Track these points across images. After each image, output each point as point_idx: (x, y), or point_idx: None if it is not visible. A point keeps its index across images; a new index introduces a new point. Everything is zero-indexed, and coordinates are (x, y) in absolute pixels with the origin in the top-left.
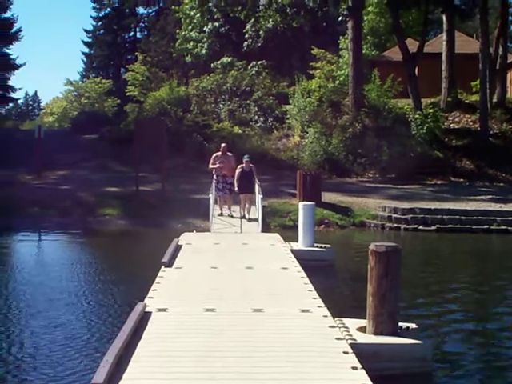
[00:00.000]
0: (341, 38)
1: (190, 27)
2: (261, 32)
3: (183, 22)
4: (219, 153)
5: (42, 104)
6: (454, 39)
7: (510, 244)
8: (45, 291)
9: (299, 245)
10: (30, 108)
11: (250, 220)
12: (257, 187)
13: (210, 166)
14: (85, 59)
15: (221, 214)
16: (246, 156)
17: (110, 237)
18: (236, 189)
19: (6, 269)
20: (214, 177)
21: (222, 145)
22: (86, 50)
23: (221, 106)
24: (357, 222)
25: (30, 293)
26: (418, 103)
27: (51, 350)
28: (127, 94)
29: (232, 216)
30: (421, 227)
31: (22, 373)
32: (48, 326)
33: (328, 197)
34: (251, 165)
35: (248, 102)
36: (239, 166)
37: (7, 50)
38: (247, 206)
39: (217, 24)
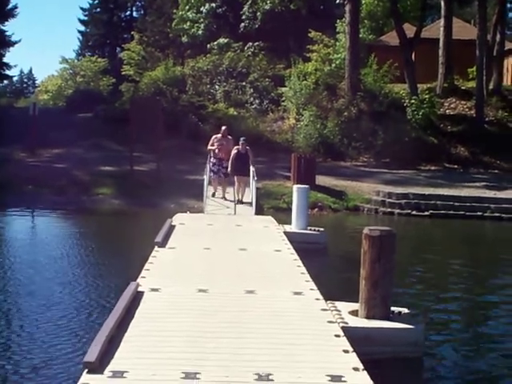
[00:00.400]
0: (338, 21)
1: (187, 7)
2: (258, 14)
3: (180, 1)
4: (219, 135)
5: (36, 82)
6: (451, 25)
7: (503, 231)
8: (38, 270)
9: (292, 227)
10: (25, 85)
11: (243, 203)
12: (252, 170)
13: (209, 147)
14: (81, 37)
15: (214, 195)
16: (242, 138)
17: (104, 216)
18: (229, 170)
19: None
20: (211, 159)
21: (223, 127)
22: (82, 28)
23: (216, 87)
24: (350, 206)
25: (23, 271)
26: (414, 88)
27: (44, 329)
28: (123, 73)
29: (225, 199)
30: (414, 212)
31: (14, 353)
32: (41, 305)
33: (322, 180)
34: (247, 147)
35: (244, 83)
36: (235, 148)
37: (2, 27)
38: (241, 188)
39: (214, 5)
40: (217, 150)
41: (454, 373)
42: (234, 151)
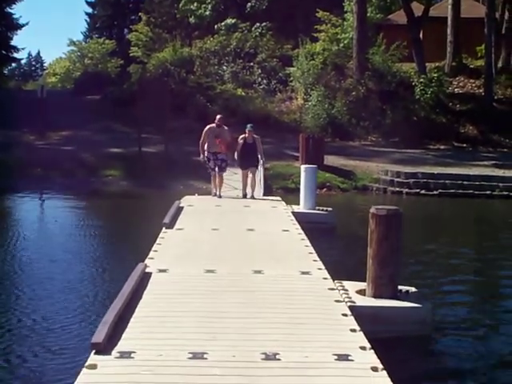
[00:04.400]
0: (346, 0)
1: None
2: None
3: None
4: (213, 125)
5: (44, 64)
6: (459, 3)
7: None
8: (47, 252)
9: (301, 207)
10: (33, 68)
11: (254, 198)
12: (261, 162)
13: (202, 143)
14: (88, 19)
15: (215, 195)
16: (249, 125)
17: (113, 198)
18: (236, 163)
19: (9, 229)
20: (205, 153)
21: (218, 116)
22: (90, 10)
23: (224, 67)
24: (359, 186)
25: (32, 254)
26: (422, 67)
27: (51, 310)
28: (130, 54)
29: (220, 197)
30: (423, 192)
31: (21, 333)
32: (50, 286)
33: (331, 160)
34: (255, 135)
35: (251, 64)
36: (241, 137)
37: (10, 10)
38: (250, 182)
39: None
40: (206, 146)
41: (462, 351)
42: (240, 141)
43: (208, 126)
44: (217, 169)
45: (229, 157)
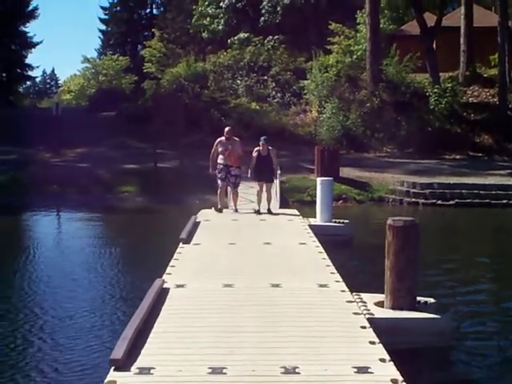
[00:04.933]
0: (358, 12)
1: (206, 3)
2: (278, 7)
3: None
4: (223, 138)
5: (59, 82)
6: (472, 12)
7: None
8: (65, 269)
9: (317, 220)
10: (48, 86)
11: (270, 212)
12: (277, 175)
13: (212, 155)
14: (102, 36)
15: (220, 210)
16: (262, 138)
17: (129, 214)
18: (249, 175)
19: (27, 247)
20: (218, 165)
21: (226, 129)
22: (103, 27)
23: (238, 81)
24: (375, 197)
25: (51, 271)
26: (436, 77)
27: (71, 326)
28: (144, 70)
29: (237, 211)
30: (439, 202)
31: (41, 349)
32: (67, 302)
33: (346, 172)
34: (270, 147)
35: (265, 77)
36: (255, 149)
37: (24, 29)
38: (266, 195)
39: None
40: (220, 159)
41: (482, 362)
42: (254, 153)
43: (218, 139)
44: (231, 185)
45: (242, 171)
